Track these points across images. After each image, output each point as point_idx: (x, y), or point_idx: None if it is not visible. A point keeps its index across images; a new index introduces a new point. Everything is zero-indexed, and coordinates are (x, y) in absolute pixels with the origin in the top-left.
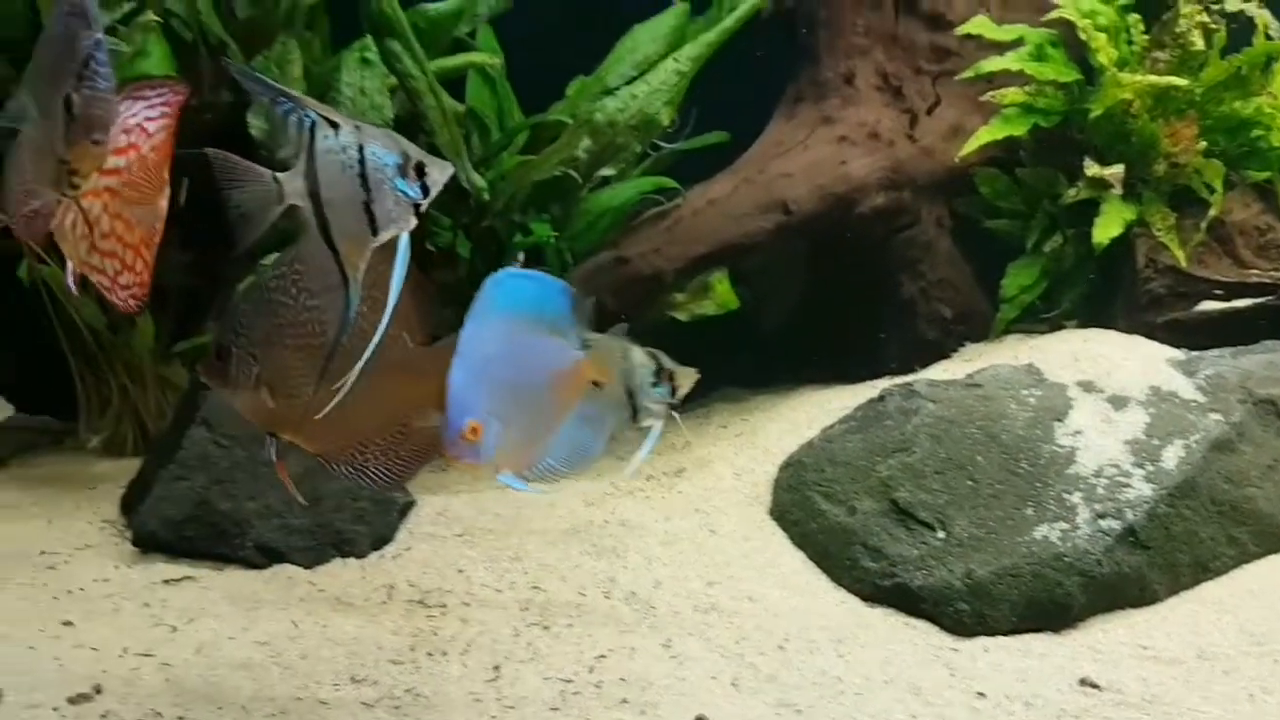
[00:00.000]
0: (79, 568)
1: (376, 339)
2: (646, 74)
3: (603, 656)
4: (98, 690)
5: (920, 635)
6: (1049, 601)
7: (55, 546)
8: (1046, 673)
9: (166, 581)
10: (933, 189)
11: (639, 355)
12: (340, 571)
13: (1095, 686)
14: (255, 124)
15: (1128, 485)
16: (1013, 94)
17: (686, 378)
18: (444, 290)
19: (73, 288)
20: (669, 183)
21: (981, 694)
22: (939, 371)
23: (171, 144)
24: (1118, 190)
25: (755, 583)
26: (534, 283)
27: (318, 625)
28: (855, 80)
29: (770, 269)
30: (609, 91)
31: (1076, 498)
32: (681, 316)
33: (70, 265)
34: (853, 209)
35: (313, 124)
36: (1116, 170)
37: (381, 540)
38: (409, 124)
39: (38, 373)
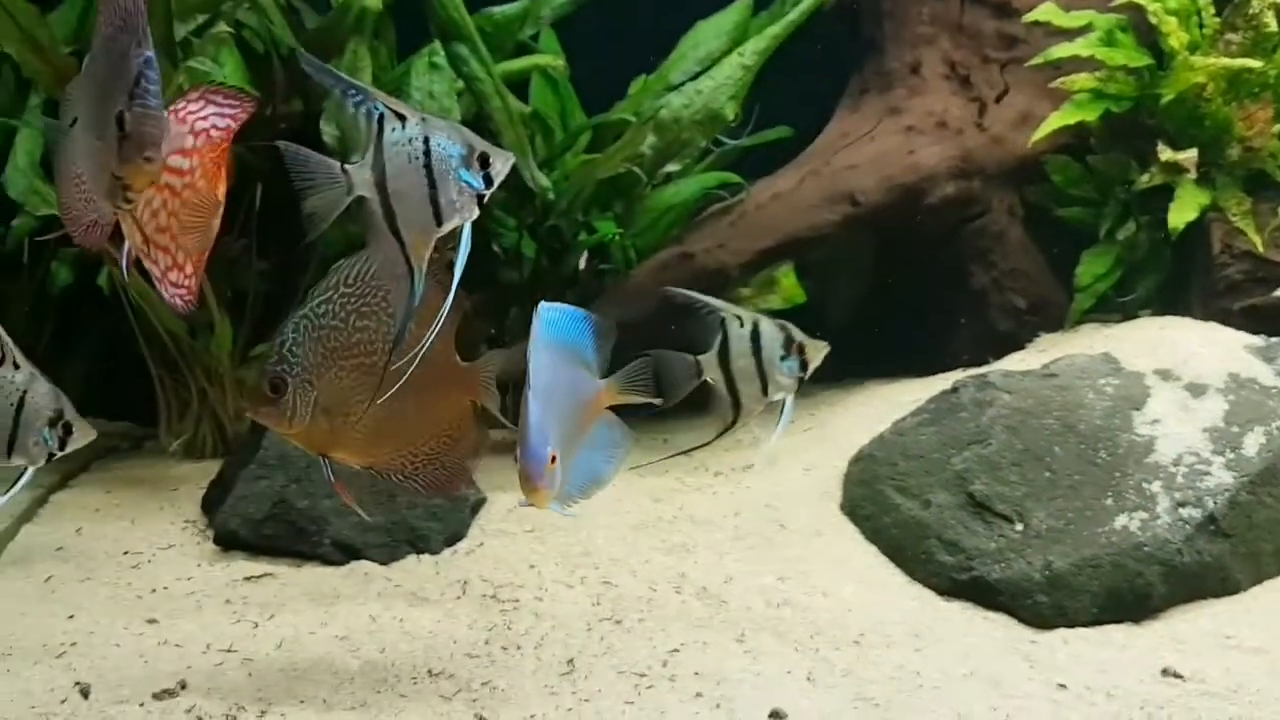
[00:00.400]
0: (162, 566)
1: (424, 342)
2: (711, 69)
3: (676, 651)
4: (183, 686)
5: (998, 628)
6: (1129, 592)
7: (139, 546)
8: (1127, 664)
9: (247, 578)
10: (1003, 178)
11: (768, 327)
12: (415, 567)
13: (1178, 676)
14: (328, 130)
15: (1208, 473)
16: (1083, 80)
17: (817, 350)
18: (509, 291)
19: (124, 271)
20: (733, 178)
21: (1062, 685)
22: (1013, 363)
23: (226, 154)
24: (1192, 175)
25: (828, 578)
26: (563, 313)
27: (395, 620)
28: (922, 70)
29: (837, 262)
30: (673, 88)
31: (1156, 487)
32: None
33: (127, 245)
34: (922, 199)
35: (381, 116)
36: (1190, 155)
37: (455, 537)
38: (475, 126)
39: (118, 379)
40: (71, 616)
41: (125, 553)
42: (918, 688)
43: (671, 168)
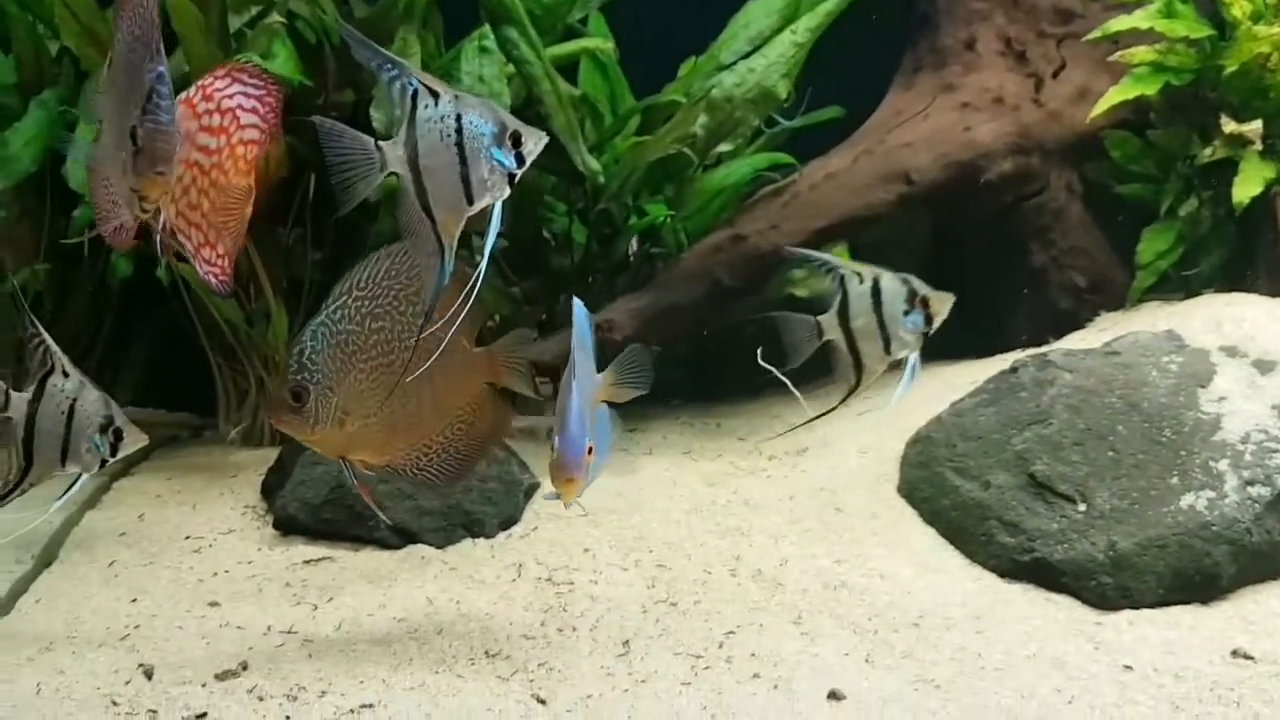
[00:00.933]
0: (223, 551)
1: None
2: (762, 47)
3: (732, 633)
4: (244, 667)
5: (1061, 610)
6: (1196, 572)
7: (200, 531)
8: (1196, 644)
9: (306, 562)
10: (1061, 154)
11: (890, 282)
12: (470, 551)
13: (1248, 658)
14: (377, 117)
15: (1277, 451)
16: (1142, 53)
17: (943, 302)
18: (559, 277)
19: (160, 246)
20: (785, 158)
21: (1128, 667)
22: (1073, 342)
23: (261, 137)
24: (1257, 147)
25: (885, 560)
26: (580, 305)
27: (452, 602)
28: (976, 46)
29: (892, 242)
30: (724, 67)
31: (1223, 465)
32: (800, 293)
33: (162, 218)
34: (978, 176)
35: (415, 92)
36: (1255, 126)
37: (509, 521)
38: (525, 109)
39: (177, 369)
40: (135, 600)
41: (187, 538)
42: (980, 669)
43: (724, 148)
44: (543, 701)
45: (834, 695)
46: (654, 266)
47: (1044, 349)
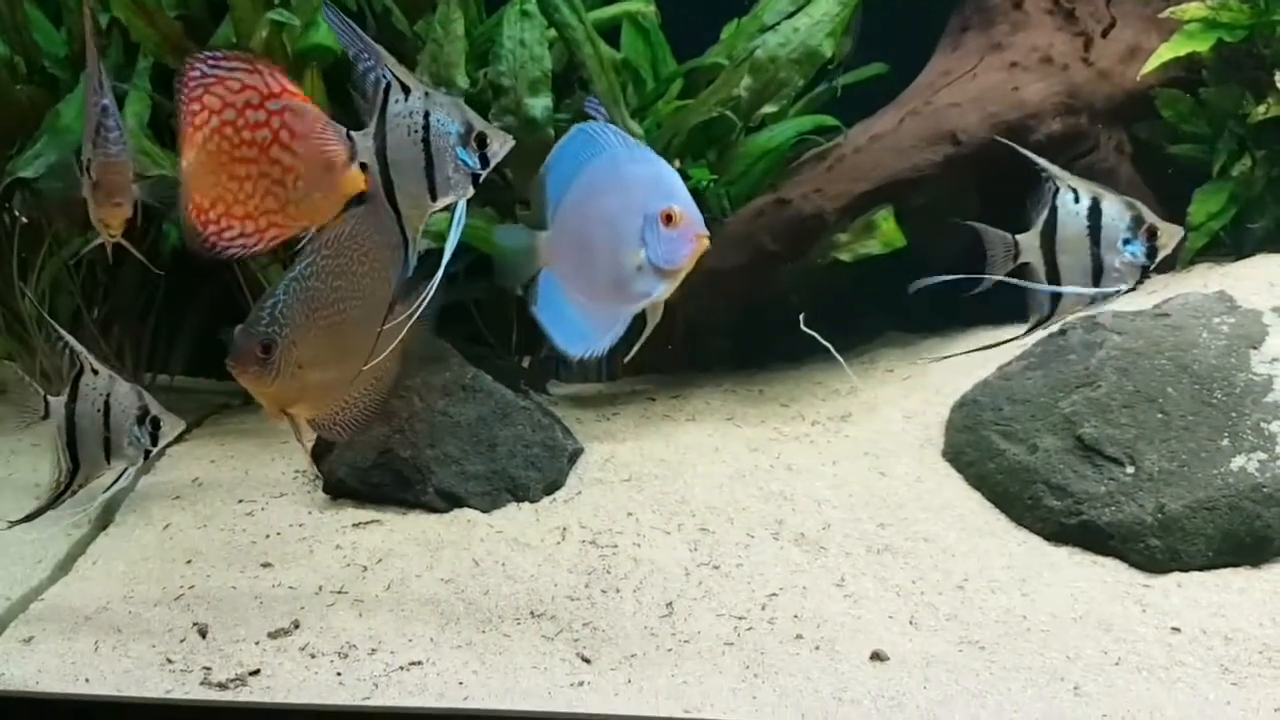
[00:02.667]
0: (275, 514)
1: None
2: (806, 7)
3: (774, 595)
4: (296, 625)
5: (1109, 573)
6: (1247, 535)
7: (252, 495)
8: (1246, 607)
9: (356, 525)
10: (1111, 113)
11: (1113, 204)
12: (516, 515)
13: None
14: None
15: None
16: (1194, 9)
17: (1171, 235)
18: None
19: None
20: (830, 120)
21: (1176, 629)
22: (1123, 304)
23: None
24: None
25: (930, 524)
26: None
27: (497, 564)
28: (1024, 4)
29: (939, 204)
30: (768, 28)
31: (1275, 427)
32: (845, 257)
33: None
34: (1027, 137)
35: (387, 86)
36: None
37: (553, 485)
38: (567, 74)
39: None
40: (189, 561)
41: (239, 501)
42: (1025, 631)
43: (768, 109)
44: (587, 660)
45: (877, 656)
46: None
47: (1093, 311)
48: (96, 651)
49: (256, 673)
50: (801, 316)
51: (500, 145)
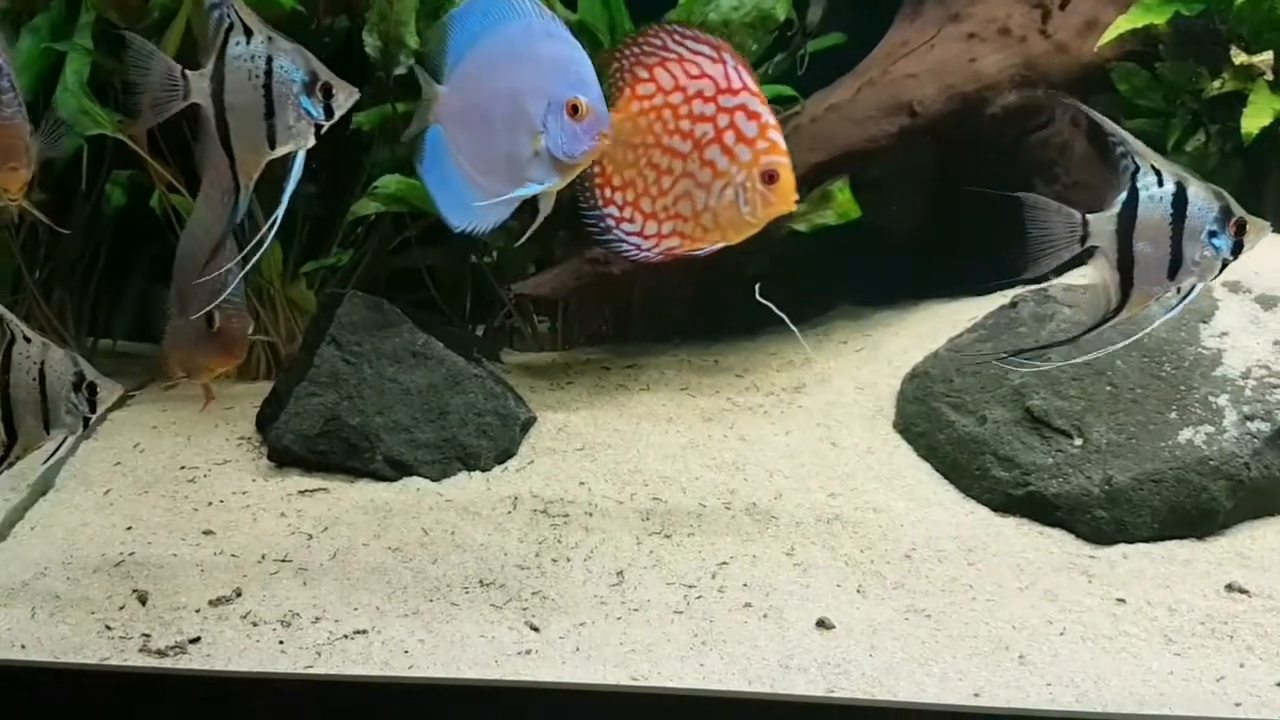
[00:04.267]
0: (218, 481)
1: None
2: None
3: (725, 564)
4: (238, 593)
5: (1055, 544)
6: (1193, 507)
7: (195, 462)
8: (1191, 579)
9: (302, 493)
10: (1068, 87)
11: (1200, 191)
12: (466, 484)
13: (1243, 592)
14: (370, 42)
15: (1278, 386)
16: None
17: (1259, 232)
18: (559, 208)
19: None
20: (787, 90)
21: (1121, 600)
22: (1076, 277)
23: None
24: (1268, 77)
25: (879, 494)
26: None
27: (447, 533)
28: None
29: (895, 176)
30: None
31: (1223, 400)
32: (801, 228)
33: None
34: (983, 109)
35: (229, 26)
36: (1266, 56)
37: (505, 454)
38: None
39: None
40: (130, 528)
41: (182, 468)
42: (971, 600)
43: None
44: (536, 629)
45: (822, 624)
46: None
47: (1045, 285)
48: (33, 618)
49: (197, 640)
50: (757, 287)
51: (346, 97)
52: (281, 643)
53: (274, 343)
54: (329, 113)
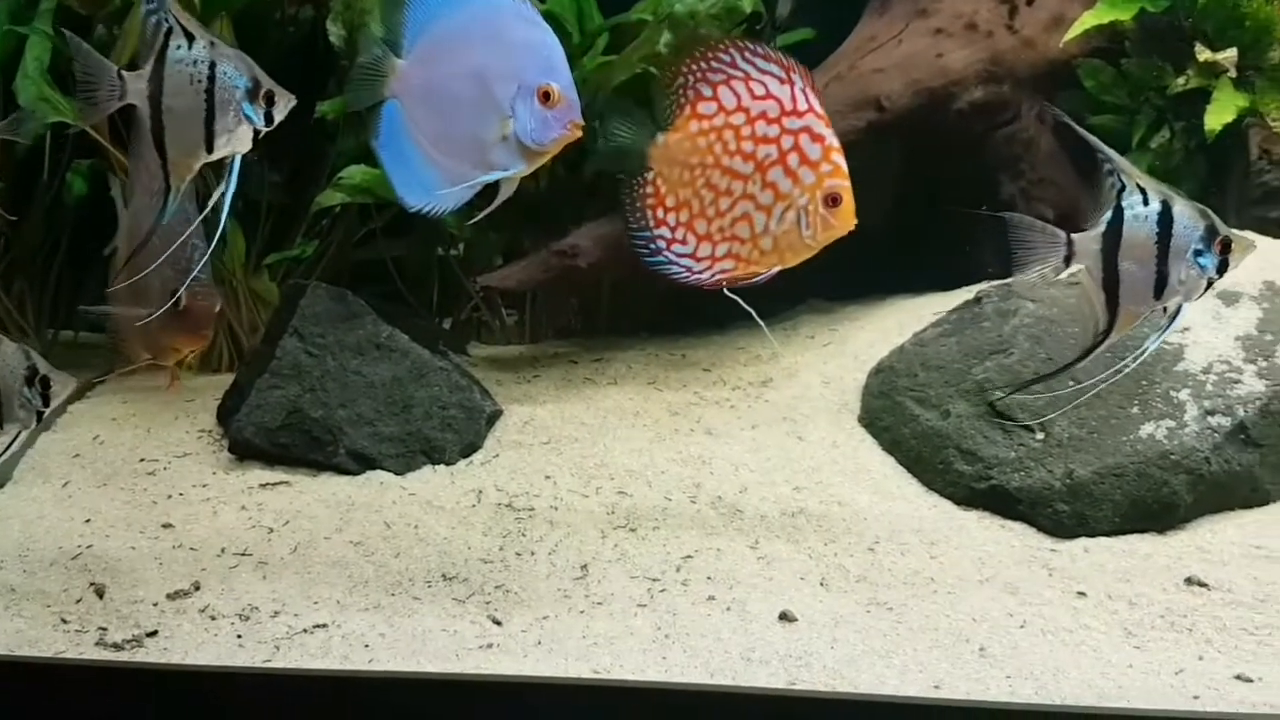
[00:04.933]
0: (178, 474)
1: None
2: None
3: (689, 557)
4: (196, 587)
5: (1017, 537)
6: (1154, 501)
7: (154, 454)
8: (1151, 572)
9: (263, 486)
10: (1034, 82)
11: (1185, 209)
12: (430, 477)
13: (1203, 585)
14: (334, 31)
15: (1239, 381)
16: None
17: (1244, 250)
18: (525, 200)
19: None
20: None
21: (1082, 593)
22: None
23: None
24: (1231, 74)
25: (844, 488)
26: None
27: (409, 527)
28: None
29: (862, 170)
30: None
31: (1184, 395)
32: None
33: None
34: (950, 104)
35: (169, 30)
36: (1230, 54)
37: (470, 448)
38: None
39: None
40: (88, 521)
41: (141, 460)
42: (932, 593)
43: None
44: (498, 622)
45: (785, 616)
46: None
47: (1009, 280)
48: None
49: (154, 634)
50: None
51: (286, 105)
52: (240, 636)
53: (237, 334)
54: (269, 119)
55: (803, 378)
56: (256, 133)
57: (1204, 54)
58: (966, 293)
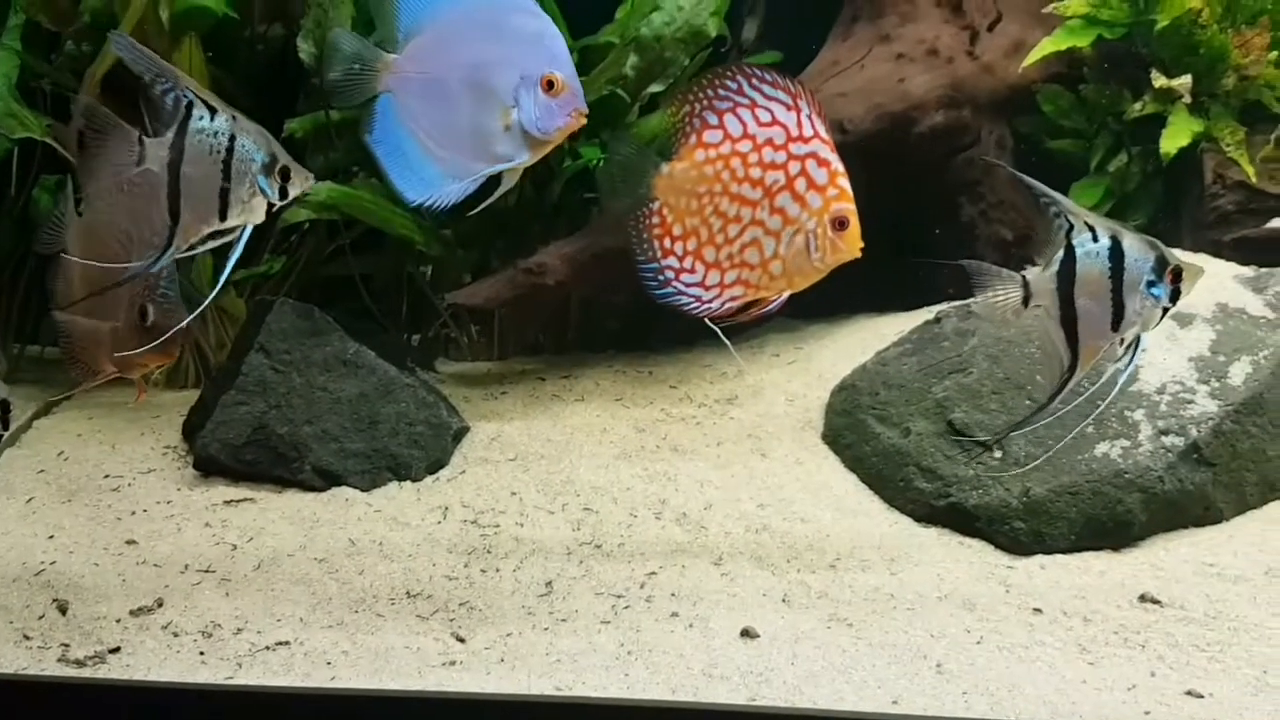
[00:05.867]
0: (142, 490)
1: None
2: None
3: (654, 574)
4: (159, 604)
5: (975, 554)
6: (1109, 519)
7: (119, 470)
8: (1106, 589)
9: (227, 503)
10: (994, 107)
11: (1135, 243)
12: (397, 494)
13: (1156, 602)
14: (304, 48)
15: (1192, 402)
16: (1076, 5)
17: (1194, 277)
18: (493, 219)
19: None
20: None
21: (1038, 610)
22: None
23: None
24: (1186, 100)
25: (807, 505)
26: None
27: (374, 544)
28: None
29: None
30: (657, 7)
31: (1139, 415)
32: None
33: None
34: (911, 128)
35: (190, 103)
36: (1185, 80)
37: (437, 464)
38: None
39: None
40: (51, 536)
41: (106, 476)
42: (892, 609)
43: (655, 88)
44: (461, 640)
45: (747, 633)
46: (589, 212)
47: (969, 300)
48: None
49: (116, 650)
50: None
51: (302, 183)
52: (202, 653)
53: (203, 351)
54: (283, 194)
55: (768, 395)
56: (270, 206)
57: (1160, 80)
58: (927, 312)
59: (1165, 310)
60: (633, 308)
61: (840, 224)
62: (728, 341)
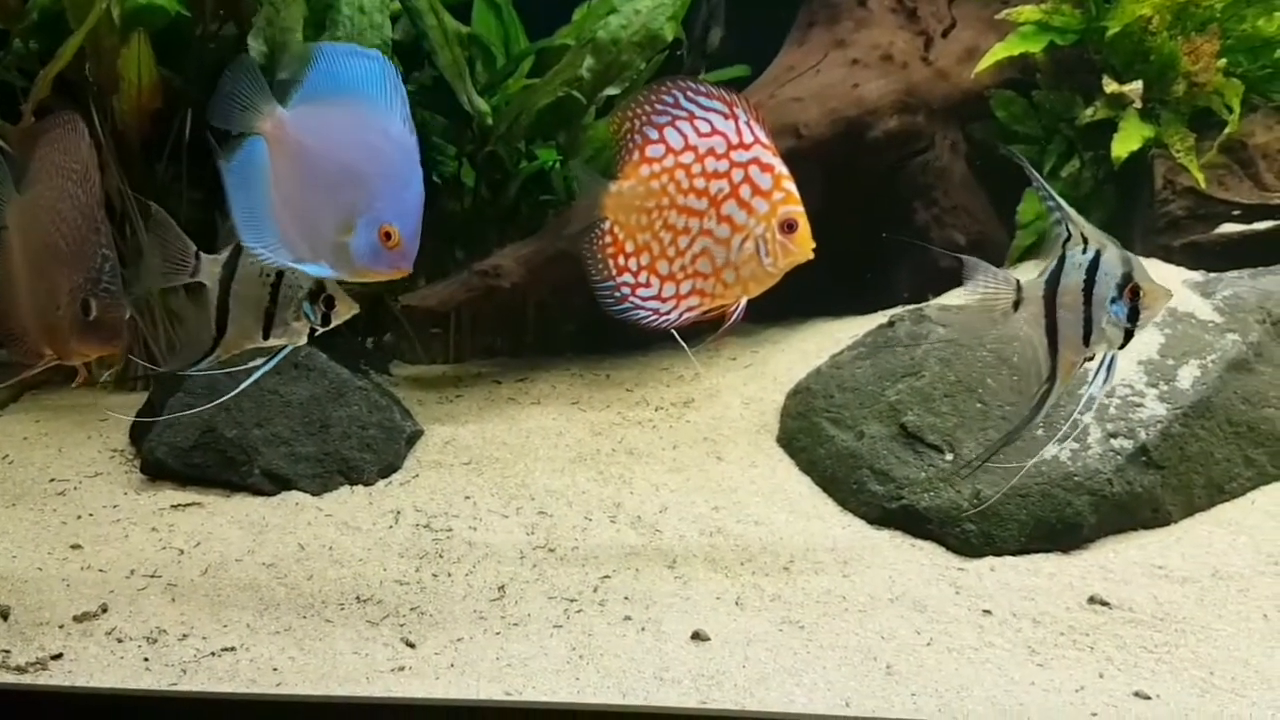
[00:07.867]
0: (88, 494)
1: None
2: None
3: (607, 577)
4: (104, 609)
5: (926, 556)
6: (1058, 521)
7: (65, 474)
8: (1055, 591)
9: (174, 507)
10: (948, 113)
11: (1112, 256)
12: (348, 498)
13: (1105, 604)
14: (255, 46)
15: (1141, 405)
16: (1028, 11)
17: (1157, 299)
18: (450, 220)
19: None
20: None
21: (988, 611)
22: (953, 298)
23: None
24: (1137, 105)
25: (761, 507)
26: None
27: (324, 548)
28: (869, 2)
29: None
30: (614, 10)
31: (1089, 418)
32: None
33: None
34: (866, 133)
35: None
36: (1135, 86)
37: (389, 468)
38: (411, 46)
39: None
40: None
41: (51, 480)
42: (843, 611)
43: (611, 91)
44: (411, 645)
45: (698, 636)
46: (545, 214)
47: (922, 304)
48: None
49: (59, 657)
50: None
51: (346, 310)
52: (146, 660)
53: (152, 352)
54: (325, 320)
55: (724, 399)
56: (312, 330)
57: (1111, 86)
58: (882, 316)
59: (1129, 331)
60: (589, 310)
61: (789, 227)
62: (685, 345)
